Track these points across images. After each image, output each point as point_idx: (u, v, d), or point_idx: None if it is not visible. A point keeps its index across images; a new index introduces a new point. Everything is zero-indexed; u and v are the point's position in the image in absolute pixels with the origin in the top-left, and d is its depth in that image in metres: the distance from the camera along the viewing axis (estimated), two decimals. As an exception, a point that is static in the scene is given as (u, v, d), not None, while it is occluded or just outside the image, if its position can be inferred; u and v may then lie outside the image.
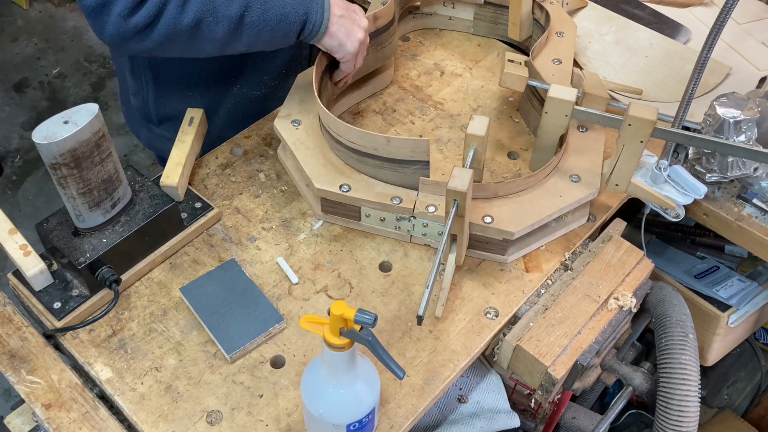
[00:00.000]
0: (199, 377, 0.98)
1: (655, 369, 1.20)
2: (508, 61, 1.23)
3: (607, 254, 1.14)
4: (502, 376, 1.15)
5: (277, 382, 0.98)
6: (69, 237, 1.01)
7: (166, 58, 1.20)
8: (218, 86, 1.31)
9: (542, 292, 1.10)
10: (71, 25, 3.39)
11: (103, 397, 0.99)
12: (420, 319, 0.93)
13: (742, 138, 1.14)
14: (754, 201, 1.21)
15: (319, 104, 1.10)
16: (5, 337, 1.01)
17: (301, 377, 0.88)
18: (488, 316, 1.05)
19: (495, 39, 1.48)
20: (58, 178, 0.94)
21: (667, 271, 1.44)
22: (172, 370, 0.98)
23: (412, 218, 1.10)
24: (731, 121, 1.13)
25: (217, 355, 1.00)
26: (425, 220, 1.09)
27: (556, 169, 1.13)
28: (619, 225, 1.21)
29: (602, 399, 1.70)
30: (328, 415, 0.85)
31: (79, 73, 3.18)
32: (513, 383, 1.15)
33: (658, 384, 1.17)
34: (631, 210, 1.30)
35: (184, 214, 1.12)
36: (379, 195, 1.09)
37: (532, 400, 1.17)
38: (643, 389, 1.20)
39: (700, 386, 1.15)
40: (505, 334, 1.06)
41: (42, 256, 1.03)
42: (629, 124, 1.04)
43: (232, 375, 0.98)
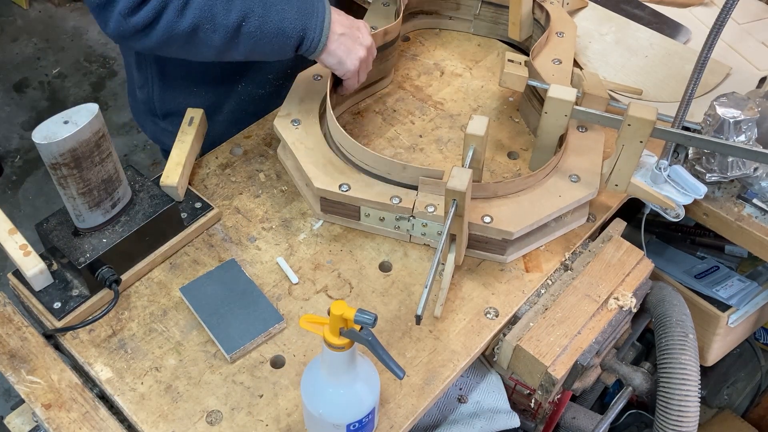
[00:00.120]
0: (199, 377, 0.98)
1: (655, 369, 1.20)
2: (508, 61, 1.23)
3: (607, 254, 1.14)
4: (502, 376, 1.15)
5: (277, 382, 0.98)
6: (69, 237, 1.01)
7: None
8: (223, 84, 1.31)
9: (542, 292, 1.10)
10: (71, 25, 3.39)
11: (103, 397, 0.99)
12: (418, 319, 0.93)
13: (742, 138, 1.14)
14: (754, 201, 1.21)
15: (335, 123, 1.11)
16: (5, 337, 1.01)
17: (301, 377, 0.88)
18: (488, 316, 1.05)
19: (495, 39, 1.48)
20: (58, 178, 0.94)
21: (667, 271, 1.44)
22: (172, 370, 0.98)
23: (411, 218, 1.10)
24: (731, 121, 1.13)
25: (217, 355, 1.00)
26: (425, 220, 1.09)
27: (555, 169, 1.13)
28: (619, 225, 1.21)
29: (602, 399, 1.70)
30: (328, 415, 0.85)
31: (79, 73, 3.18)
32: (513, 383, 1.15)
33: (658, 384, 1.17)
34: (631, 210, 1.30)
35: (184, 214, 1.12)
36: (379, 194, 1.09)
37: (532, 400, 1.17)
38: (643, 389, 1.20)
39: (700, 386, 1.15)
40: (505, 334, 1.06)
41: (42, 256, 1.03)
42: (629, 124, 1.04)
43: (232, 375, 0.98)
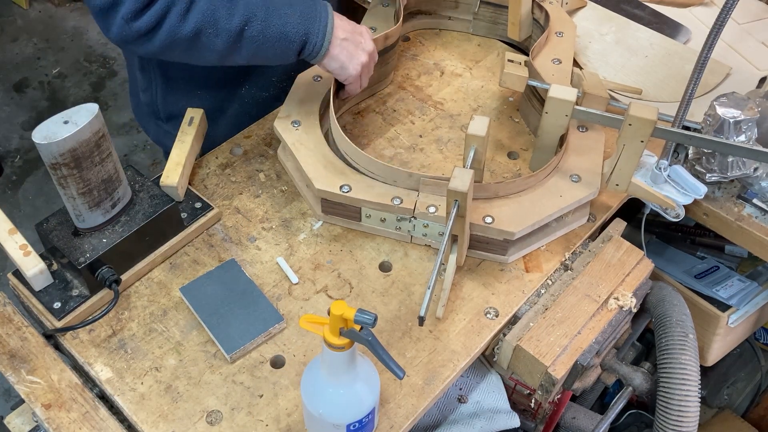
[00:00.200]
0: (199, 377, 0.98)
1: (655, 369, 1.20)
2: (508, 61, 1.23)
3: (607, 254, 1.14)
4: (502, 376, 1.14)
5: (277, 382, 0.98)
6: (69, 237, 1.01)
7: None
8: (226, 87, 1.32)
9: (542, 292, 1.10)
10: (71, 25, 3.39)
11: (103, 397, 0.99)
12: (422, 320, 0.93)
13: (742, 138, 1.14)
14: (754, 201, 1.21)
15: (339, 132, 1.12)
16: (5, 337, 1.01)
17: (301, 377, 0.88)
18: (488, 316, 1.05)
19: (495, 39, 1.48)
20: (58, 178, 0.94)
21: (667, 271, 1.44)
22: (172, 370, 0.98)
23: (412, 219, 1.10)
24: (731, 121, 1.13)
25: (217, 355, 1.00)
26: (426, 221, 1.09)
27: (556, 169, 1.13)
28: (619, 225, 1.21)
29: (602, 399, 1.70)
30: (328, 415, 0.85)
31: (79, 73, 3.18)
32: (513, 383, 1.15)
33: (658, 384, 1.17)
34: (631, 210, 1.30)
35: (184, 214, 1.12)
36: (380, 195, 1.09)
37: (532, 400, 1.17)
38: (643, 389, 1.20)
39: (700, 386, 1.15)
40: (505, 334, 1.06)
41: (42, 256, 1.03)
42: (629, 124, 1.04)
43: (232, 375, 0.98)
